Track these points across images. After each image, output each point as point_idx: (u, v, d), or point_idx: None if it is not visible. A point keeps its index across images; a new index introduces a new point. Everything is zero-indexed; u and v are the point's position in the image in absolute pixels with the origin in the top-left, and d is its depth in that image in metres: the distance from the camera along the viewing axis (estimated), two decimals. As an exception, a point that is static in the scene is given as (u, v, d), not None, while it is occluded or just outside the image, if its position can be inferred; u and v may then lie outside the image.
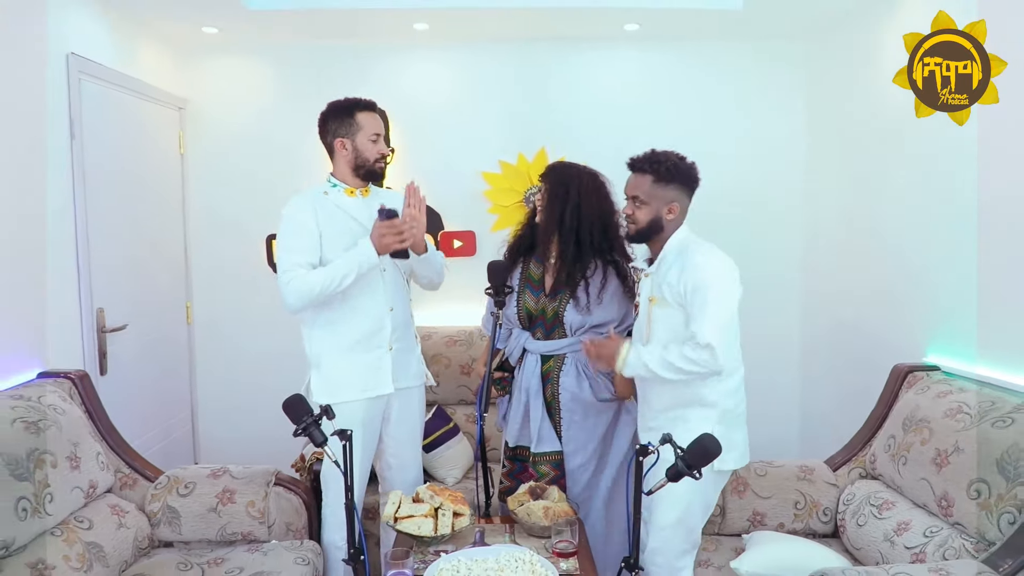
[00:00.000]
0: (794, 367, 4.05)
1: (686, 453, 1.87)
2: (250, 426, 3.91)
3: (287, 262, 2.47)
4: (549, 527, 2.38)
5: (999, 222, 2.48)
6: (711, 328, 2.15)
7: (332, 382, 2.57)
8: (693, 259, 2.25)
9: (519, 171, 3.91)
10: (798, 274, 4.01)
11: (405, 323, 2.69)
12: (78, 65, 2.90)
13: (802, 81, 3.91)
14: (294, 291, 2.43)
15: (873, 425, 2.78)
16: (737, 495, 2.71)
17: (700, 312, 2.19)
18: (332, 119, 2.59)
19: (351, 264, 2.42)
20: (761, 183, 3.97)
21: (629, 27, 3.65)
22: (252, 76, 3.93)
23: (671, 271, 2.28)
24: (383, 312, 2.58)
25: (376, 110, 2.62)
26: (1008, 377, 2.41)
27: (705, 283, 2.19)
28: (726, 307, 2.20)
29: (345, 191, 2.61)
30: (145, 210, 3.52)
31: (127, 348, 3.27)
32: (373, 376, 2.58)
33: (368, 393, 2.57)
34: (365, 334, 2.56)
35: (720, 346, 2.15)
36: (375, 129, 2.58)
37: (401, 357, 2.65)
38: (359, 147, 2.56)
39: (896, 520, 2.36)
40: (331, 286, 2.42)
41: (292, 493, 2.74)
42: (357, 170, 2.58)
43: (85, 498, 2.31)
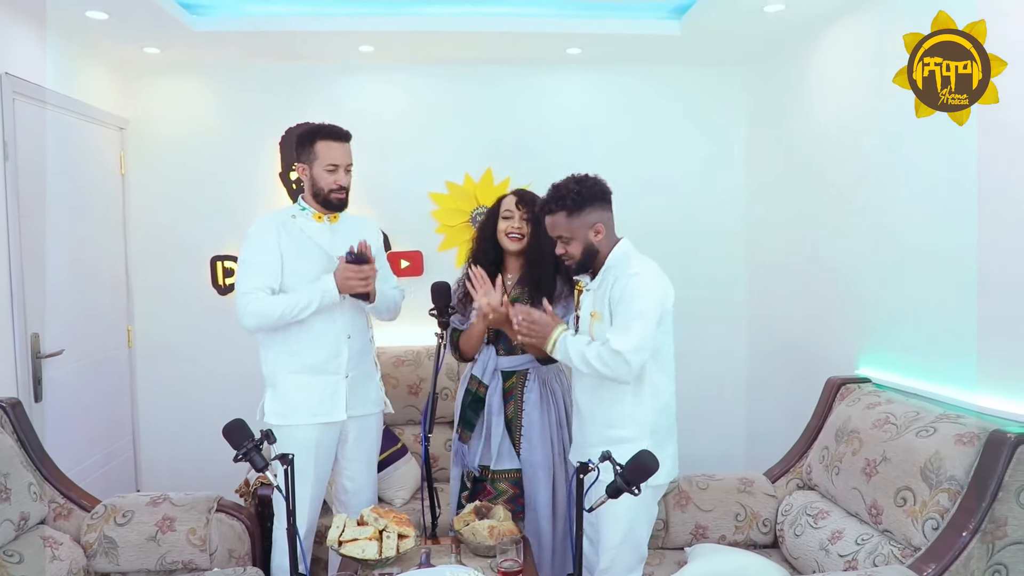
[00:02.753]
0: (740, 385, 4.15)
1: (624, 470, 1.91)
2: (194, 450, 3.83)
3: (248, 283, 2.47)
4: (495, 546, 2.39)
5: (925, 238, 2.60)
6: (625, 337, 2.20)
7: (285, 404, 2.57)
8: (629, 267, 2.29)
9: (466, 191, 3.94)
10: (743, 295, 4.10)
11: (363, 350, 2.68)
12: (12, 85, 2.85)
13: (742, 106, 4.03)
14: (252, 313, 2.44)
15: (809, 437, 2.86)
16: (680, 509, 2.76)
17: (620, 320, 2.24)
18: (298, 144, 2.58)
19: (313, 296, 2.45)
20: (704, 206, 4.06)
21: (572, 51, 3.73)
22: (196, 96, 3.90)
23: (616, 285, 2.30)
24: (340, 340, 2.58)
25: (340, 138, 2.56)
26: (933, 387, 2.52)
27: (632, 293, 2.24)
28: (646, 321, 2.23)
29: (313, 216, 2.59)
30: (84, 232, 3.45)
31: (64, 373, 3.19)
32: (327, 402, 2.57)
33: (320, 419, 2.56)
34: (321, 360, 2.56)
35: (632, 356, 2.19)
36: (332, 159, 2.53)
37: (358, 384, 2.65)
38: (315, 175, 2.55)
39: (831, 529, 2.43)
40: (290, 314, 2.44)
41: (235, 519, 2.69)
42: (316, 197, 2.57)
43: (16, 531, 2.25)
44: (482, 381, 2.77)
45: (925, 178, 2.57)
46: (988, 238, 2.30)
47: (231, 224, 3.77)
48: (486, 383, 2.76)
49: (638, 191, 3.77)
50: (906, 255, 2.69)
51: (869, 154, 2.88)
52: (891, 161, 2.75)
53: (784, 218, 3.67)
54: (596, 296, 2.38)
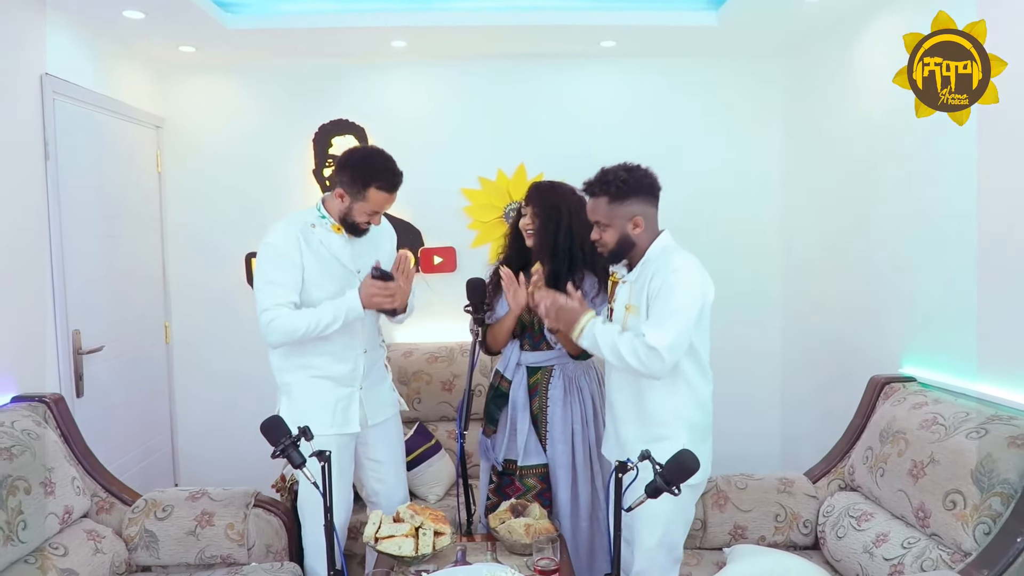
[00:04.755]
0: (776, 383, 4.08)
1: (665, 469, 1.88)
2: (231, 445, 3.87)
3: (269, 298, 2.41)
4: (531, 544, 2.37)
5: (973, 232, 2.51)
6: (662, 333, 2.15)
7: (301, 413, 2.51)
8: (671, 263, 2.25)
9: (498, 187, 3.92)
10: (779, 290, 4.04)
11: (376, 361, 2.68)
12: (52, 85, 2.89)
13: (780, 96, 3.95)
14: (277, 330, 2.40)
15: (851, 437, 2.80)
16: (718, 509, 2.71)
17: (658, 315, 2.20)
18: (348, 170, 2.46)
19: (338, 312, 2.41)
20: (740, 199, 4.00)
21: (606, 44, 3.69)
22: (230, 94, 3.93)
23: (654, 279, 2.25)
24: (357, 355, 2.57)
25: (394, 189, 2.47)
26: (983, 388, 2.44)
27: (672, 289, 2.19)
28: (685, 318, 2.19)
29: (332, 227, 2.53)
30: (122, 230, 3.50)
31: (104, 369, 3.24)
32: (342, 414, 2.55)
33: (336, 429, 2.54)
34: (337, 373, 2.54)
35: (668, 353, 2.15)
36: (377, 208, 2.47)
37: (372, 392, 2.63)
38: (354, 210, 2.47)
39: (875, 532, 2.37)
40: (314, 331, 2.40)
41: (272, 514, 2.72)
42: (342, 221, 2.52)
43: (60, 524, 2.28)
44: (504, 375, 2.76)
45: (977, 166, 2.48)
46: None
47: (265, 221, 3.70)
48: (508, 378, 2.75)
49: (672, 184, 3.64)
50: (954, 249, 2.60)
51: (917, 144, 2.79)
52: (940, 151, 2.66)
53: (823, 210, 3.59)
54: (633, 289, 2.33)
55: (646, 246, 2.33)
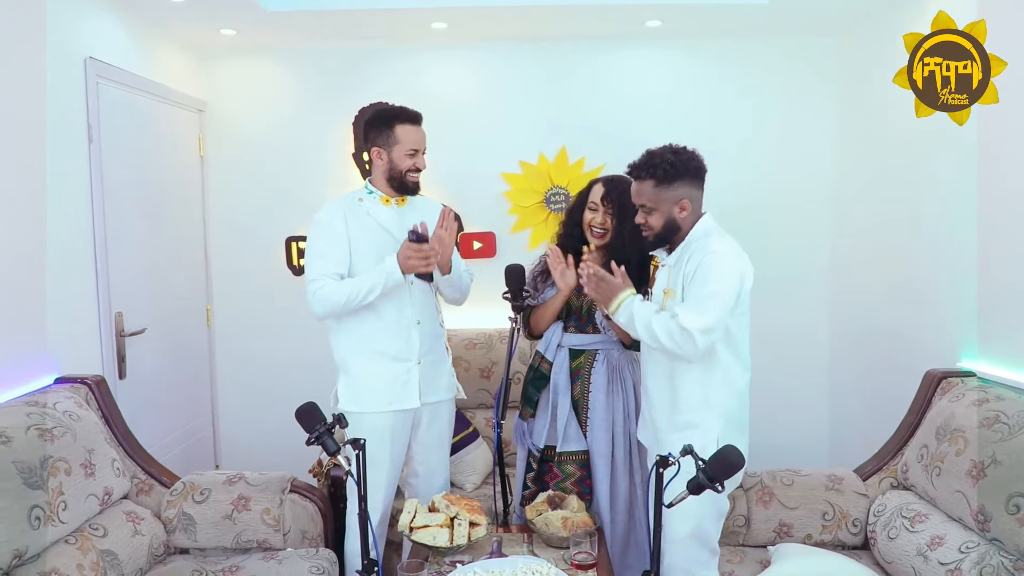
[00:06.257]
0: (822, 370, 3.95)
1: (708, 465, 1.81)
2: (270, 429, 3.89)
3: (316, 270, 2.48)
4: (568, 538, 2.32)
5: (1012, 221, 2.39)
6: (697, 316, 2.11)
7: (359, 391, 2.56)
8: (709, 244, 2.19)
9: (540, 171, 3.85)
10: (827, 274, 3.90)
11: (435, 335, 2.66)
12: (96, 69, 2.90)
13: (833, 75, 3.80)
14: (320, 300, 2.45)
15: (905, 433, 2.68)
16: (762, 505, 2.62)
17: (693, 298, 2.15)
18: (372, 127, 2.56)
19: (377, 280, 2.42)
20: (789, 181, 3.87)
21: (651, 23, 3.57)
22: (271, 78, 3.92)
23: (691, 261, 2.20)
24: (410, 325, 2.56)
25: (418, 122, 2.56)
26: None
27: (708, 271, 2.14)
28: (721, 301, 2.14)
29: (380, 199, 2.58)
30: (165, 213, 3.52)
31: (147, 352, 3.27)
32: (401, 389, 2.56)
33: (395, 406, 2.55)
34: (391, 347, 2.54)
35: (701, 336, 2.10)
36: (413, 144, 2.53)
37: (431, 370, 2.62)
38: (394, 160, 2.53)
39: (930, 534, 2.26)
40: (356, 300, 2.42)
41: (308, 500, 2.71)
42: (391, 181, 2.56)
43: (100, 505, 2.30)
44: (545, 357, 2.70)
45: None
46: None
47: (305, 205, 3.78)
48: (549, 359, 2.69)
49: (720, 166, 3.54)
50: (1019, 234, 2.45)
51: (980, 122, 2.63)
52: (1006, 130, 2.50)
53: (876, 192, 3.44)
54: (672, 272, 2.28)
55: (688, 228, 2.27)
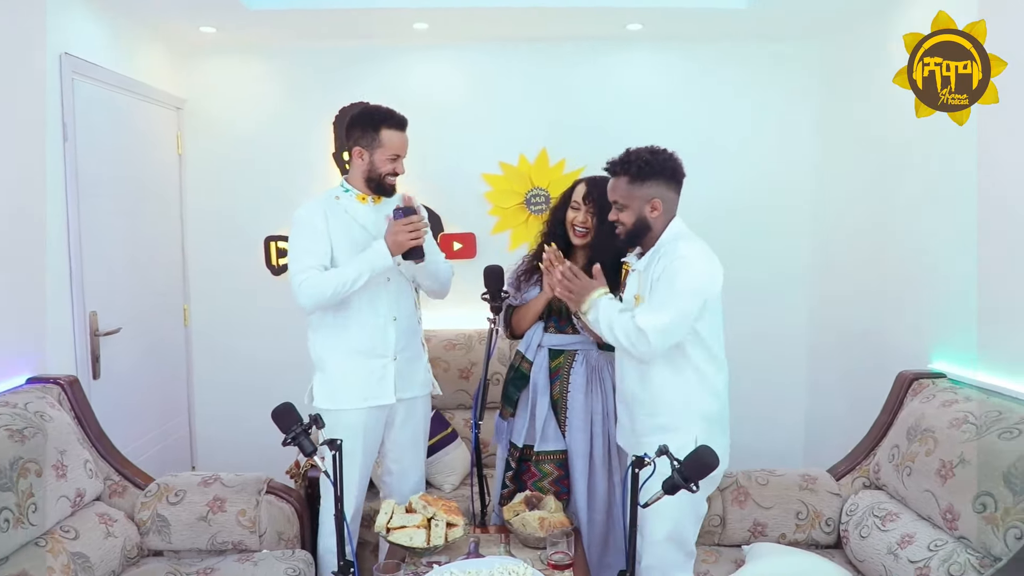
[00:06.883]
0: (801, 371, 4.00)
1: (683, 465, 1.83)
2: (248, 430, 3.84)
3: (299, 264, 2.49)
4: (545, 538, 2.33)
5: (1000, 224, 2.42)
6: (654, 317, 2.14)
7: (334, 388, 2.57)
8: (677, 249, 2.21)
9: (520, 173, 3.86)
10: (806, 277, 3.94)
11: (411, 331, 2.66)
12: (71, 65, 2.87)
13: (813, 81, 3.84)
14: (307, 291, 2.45)
15: (877, 434, 2.72)
16: (737, 505, 2.65)
17: (655, 299, 2.18)
18: (356, 127, 2.56)
19: (364, 265, 2.43)
20: (769, 185, 3.91)
21: (632, 27, 3.60)
22: (251, 76, 3.90)
23: (659, 265, 2.22)
24: (386, 322, 2.57)
25: (403, 127, 2.57)
26: (1016, 386, 2.34)
27: (673, 275, 2.16)
28: (681, 304, 2.16)
29: (357, 197, 2.60)
30: (142, 211, 3.49)
31: (122, 352, 3.24)
32: (376, 385, 2.56)
33: (370, 402, 2.56)
34: (368, 343, 2.55)
35: (656, 336, 2.13)
36: (396, 149, 2.54)
37: (407, 366, 2.63)
38: (375, 162, 2.54)
39: (900, 532, 2.30)
40: (344, 287, 2.43)
41: (284, 501, 2.70)
42: (369, 182, 2.57)
43: (72, 507, 2.28)
44: (525, 356, 2.71)
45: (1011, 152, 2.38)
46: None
47: (285, 204, 3.74)
48: (530, 359, 2.70)
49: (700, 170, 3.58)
50: (990, 241, 2.49)
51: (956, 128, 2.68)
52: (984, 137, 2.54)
53: (854, 196, 3.48)
54: (642, 277, 2.30)
55: (661, 231, 2.28)
